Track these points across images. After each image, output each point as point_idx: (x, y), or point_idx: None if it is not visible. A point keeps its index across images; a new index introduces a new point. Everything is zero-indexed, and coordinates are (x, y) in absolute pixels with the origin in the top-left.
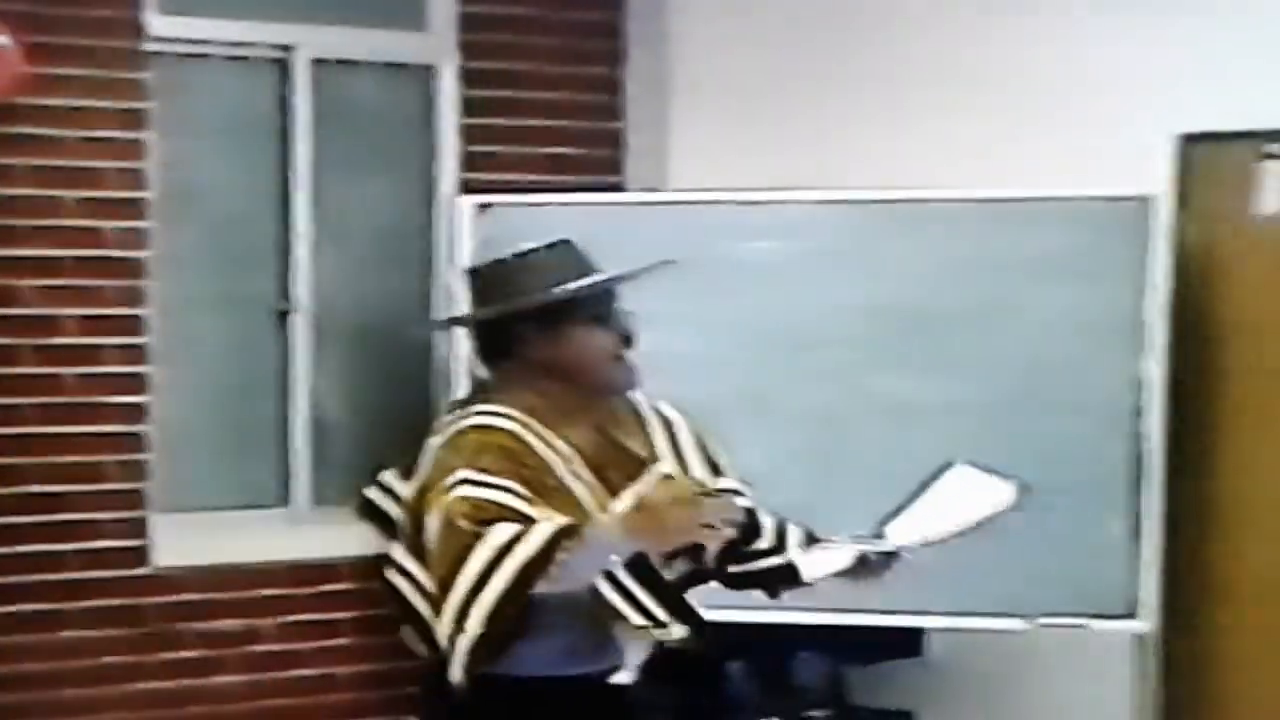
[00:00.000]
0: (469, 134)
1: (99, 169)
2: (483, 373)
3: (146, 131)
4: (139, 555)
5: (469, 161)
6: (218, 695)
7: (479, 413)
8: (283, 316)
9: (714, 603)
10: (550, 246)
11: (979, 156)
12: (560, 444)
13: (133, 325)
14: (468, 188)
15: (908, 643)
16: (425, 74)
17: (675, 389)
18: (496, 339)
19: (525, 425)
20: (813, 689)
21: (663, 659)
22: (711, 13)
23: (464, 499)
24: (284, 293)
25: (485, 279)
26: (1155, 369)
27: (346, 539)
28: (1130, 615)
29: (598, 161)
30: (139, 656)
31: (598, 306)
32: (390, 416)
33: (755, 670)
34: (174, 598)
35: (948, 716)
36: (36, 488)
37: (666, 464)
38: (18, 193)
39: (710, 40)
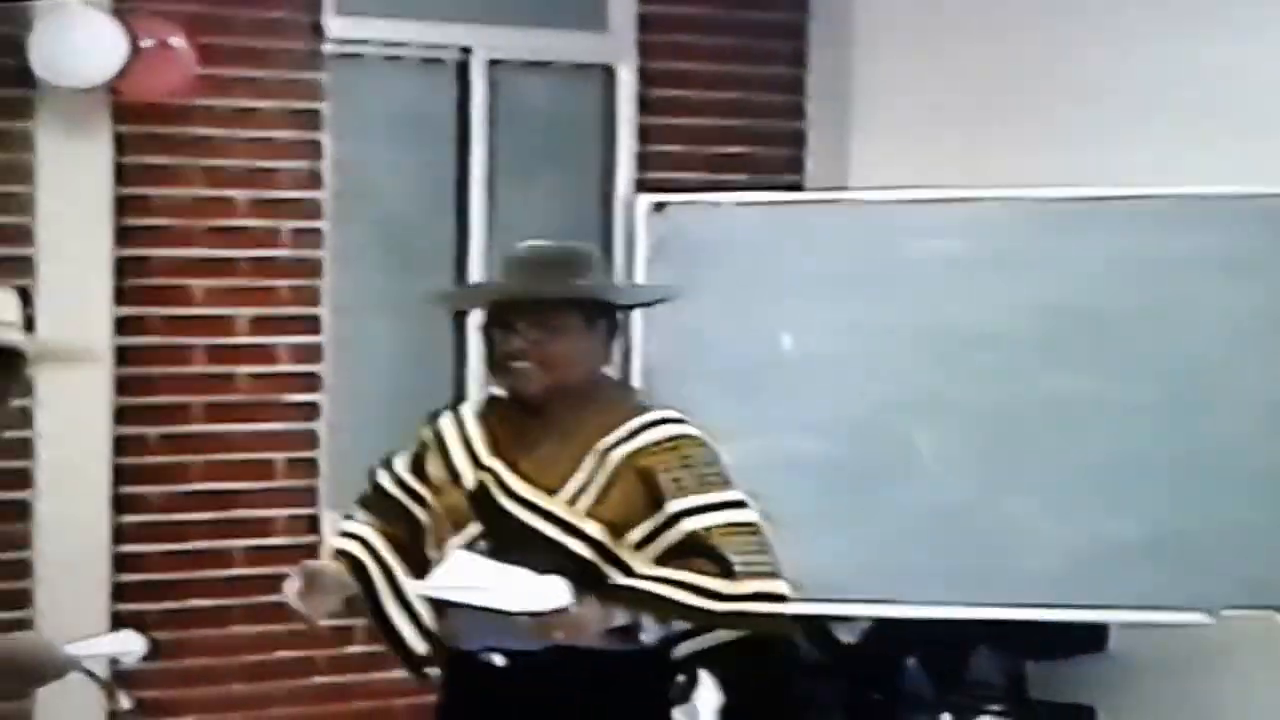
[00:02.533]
0: (646, 133)
1: (273, 169)
2: None
3: (321, 132)
4: (309, 552)
5: (646, 161)
6: (384, 690)
7: None
8: (457, 315)
9: (891, 597)
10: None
11: (1154, 154)
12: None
13: (306, 324)
14: (644, 187)
15: (1091, 638)
16: (603, 74)
17: (850, 388)
18: None
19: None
20: (991, 684)
21: (837, 654)
22: (895, 12)
23: None
24: None
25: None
26: None
27: None
28: None
29: (777, 161)
30: (307, 652)
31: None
32: None
33: (932, 665)
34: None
35: (1131, 712)
36: (208, 485)
37: None
38: (191, 193)
39: (893, 39)
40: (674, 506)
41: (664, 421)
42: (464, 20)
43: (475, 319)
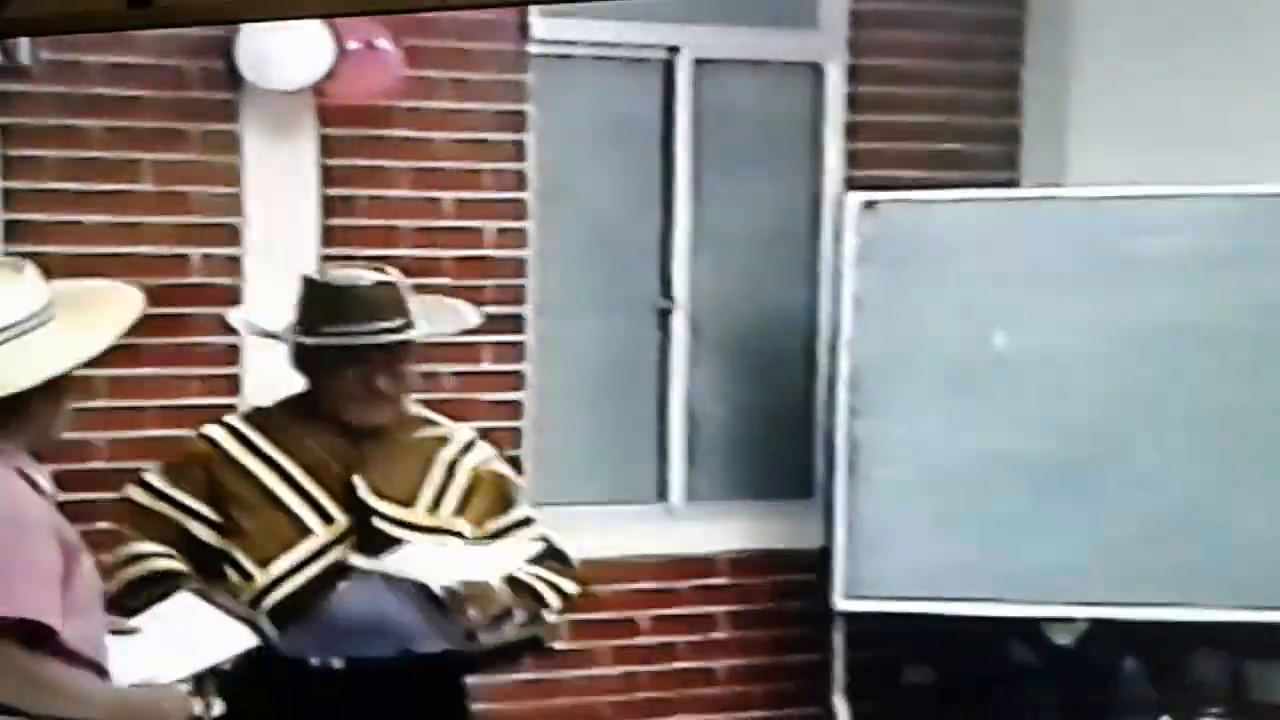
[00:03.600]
0: (856, 131)
1: (477, 170)
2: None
3: (526, 133)
4: None
5: (855, 159)
6: (593, 687)
7: None
8: (662, 315)
9: (1108, 598)
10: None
11: None
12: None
13: (510, 324)
14: (854, 185)
15: None
16: (811, 72)
17: (1065, 386)
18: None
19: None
20: (1211, 686)
21: (1052, 657)
22: (1114, 4)
23: None
24: (663, 291)
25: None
26: None
27: (722, 534)
28: None
29: (992, 158)
30: None
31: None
32: (767, 415)
33: (1151, 666)
34: None
35: None
36: None
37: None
38: (397, 194)
39: (1112, 33)
40: (526, 510)
41: (478, 440)
42: (670, 20)
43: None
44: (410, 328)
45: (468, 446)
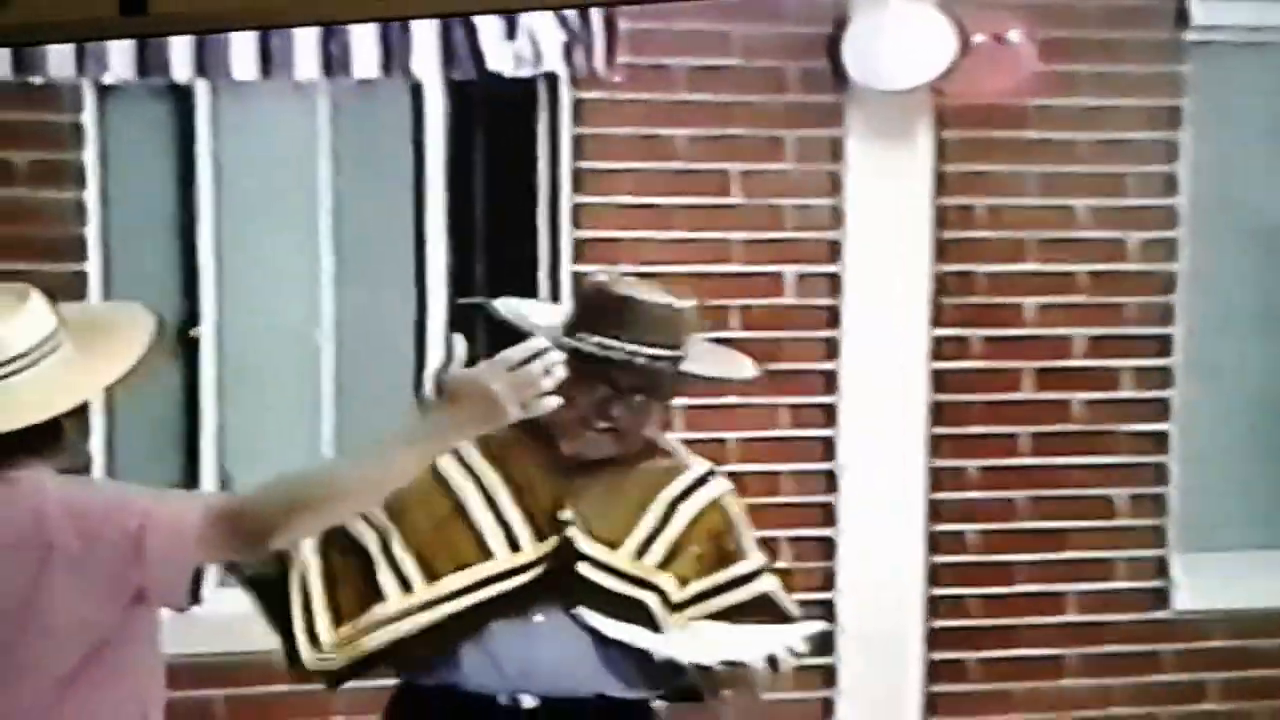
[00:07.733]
0: None
1: (1120, 174)
2: None
3: (1180, 131)
4: (1157, 598)
5: None
6: None
7: None
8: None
9: None
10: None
11: None
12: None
13: (1155, 346)
14: None
15: None
16: None
17: None
18: None
19: None
20: None
21: None
22: None
23: None
24: None
25: None
26: None
27: None
28: None
29: None
30: (1153, 708)
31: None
32: None
33: None
34: (1197, 645)
35: None
36: (1036, 524)
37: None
38: (1023, 203)
39: None
40: (746, 567)
41: (714, 473)
42: None
43: None
44: (677, 360)
45: (698, 482)
